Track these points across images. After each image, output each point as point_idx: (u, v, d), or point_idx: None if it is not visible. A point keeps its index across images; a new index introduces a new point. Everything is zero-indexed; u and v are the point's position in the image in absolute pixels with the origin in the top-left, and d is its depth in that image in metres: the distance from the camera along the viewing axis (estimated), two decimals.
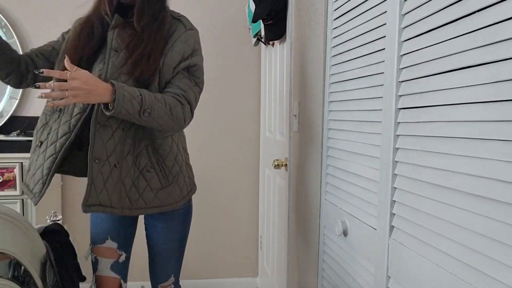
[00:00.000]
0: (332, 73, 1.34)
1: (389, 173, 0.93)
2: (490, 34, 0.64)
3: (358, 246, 1.12)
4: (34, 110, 2.55)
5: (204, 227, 2.76)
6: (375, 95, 1.03)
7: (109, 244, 1.41)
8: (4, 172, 2.11)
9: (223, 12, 2.65)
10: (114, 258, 1.42)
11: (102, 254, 1.41)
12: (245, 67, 2.71)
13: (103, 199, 1.24)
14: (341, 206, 1.25)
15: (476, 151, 0.67)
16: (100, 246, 1.41)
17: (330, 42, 1.36)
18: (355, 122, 1.16)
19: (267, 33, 2.05)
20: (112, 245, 1.42)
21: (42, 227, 1.43)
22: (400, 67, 0.90)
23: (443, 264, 0.74)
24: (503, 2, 0.62)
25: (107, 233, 1.41)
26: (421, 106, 0.83)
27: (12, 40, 2.45)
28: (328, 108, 1.38)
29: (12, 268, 1.11)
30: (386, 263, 0.95)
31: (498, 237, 0.62)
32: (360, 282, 1.10)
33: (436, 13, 0.78)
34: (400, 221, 0.90)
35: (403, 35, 0.89)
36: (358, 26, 1.14)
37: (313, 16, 1.53)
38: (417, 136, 0.85)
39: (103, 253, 1.41)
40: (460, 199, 0.71)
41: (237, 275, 2.83)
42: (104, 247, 1.41)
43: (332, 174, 1.34)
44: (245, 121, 2.72)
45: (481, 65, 0.67)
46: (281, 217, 2.11)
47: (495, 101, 0.64)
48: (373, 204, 1.03)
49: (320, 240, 1.44)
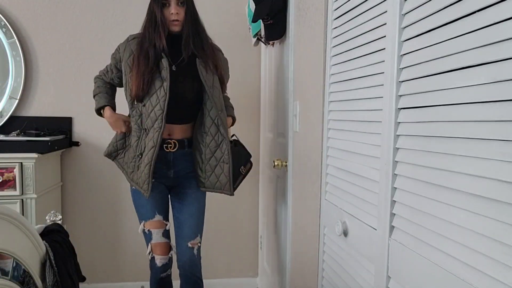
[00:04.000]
0: (332, 73, 1.34)
1: (389, 173, 0.93)
2: (490, 34, 0.64)
3: (358, 246, 1.12)
4: (34, 110, 2.55)
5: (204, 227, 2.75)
6: (375, 95, 1.03)
7: (158, 217, 1.80)
8: (4, 172, 2.11)
9: (223, 12, 2.65)
10: (163, 227, 1.81)
11: (154, 227, 1.79)
12: (245, 67, 2.71)
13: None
14: (341, 206, 1.25)
15: (476, 151, 0.67)
16: (152, 220, 1.79)
17: (330, 42, 1.36)
18: (355, 122, 1.16)
19: (267, 33, 2.05)
20: (160, 218, 1.80)
21: (42, 227, 1.43)
22: (400, 67, 0.90)
23: (443, 264, 0.74)
24: (503, 2, 0.62)
25: (155, 210, 1.79)
26: (421, 106, 0.83)
27: (12, 40, 2.45)
28: (328, 108, 1.38)
29: (12, 268, 1.11)
30: (386, 263, 0.95)
31: (498, 237, 0.62)
32: (360, 282, 1.10)
33: (436, 13, 0.78)
34: (400, 221, 0.90)
35: (403, 35, 0.89)
36: (358, 26, 1.13)
37: (313, 16, 1.53)
38: (417, 136, 0.85)
39: (155, 226, 1.79)
40: (460, 199, 0.71)
41: (237, 275, 2.83)
42: (155, 221, 1.79)
43: (332, 174, 1.34)
44: (245, 121, 2.72)
45: (481, 65, 0.67)
46: (281, 217, 2.11)
47: (495, 101, 0.64)
48: (373, 204, 1.03)
49: (320, 240, 1.44)
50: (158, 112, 1.67)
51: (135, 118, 1.74)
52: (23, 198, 2.14)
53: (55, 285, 1.28)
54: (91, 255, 2.63)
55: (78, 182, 2.62)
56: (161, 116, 1.66)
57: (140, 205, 1.81)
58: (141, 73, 1.65)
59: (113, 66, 1.84)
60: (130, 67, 1.72)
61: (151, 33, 1.67)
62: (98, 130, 2.60)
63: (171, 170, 1.80)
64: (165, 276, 1.84)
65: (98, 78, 1.92)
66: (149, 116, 1.69)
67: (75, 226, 2.61)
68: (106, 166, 2.60)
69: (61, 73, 2.57)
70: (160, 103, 1.66)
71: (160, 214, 1.81)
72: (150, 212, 1.79)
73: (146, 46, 1.68)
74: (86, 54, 2.58)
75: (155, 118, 1.67)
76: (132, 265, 2.70)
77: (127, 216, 2.67)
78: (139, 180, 1.73)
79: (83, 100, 2.58)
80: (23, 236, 1.19)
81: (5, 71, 2.47)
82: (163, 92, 1.66)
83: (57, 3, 2.54)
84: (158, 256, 1.80)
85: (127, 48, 1.75)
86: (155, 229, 1.79)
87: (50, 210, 1.62)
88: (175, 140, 1.77)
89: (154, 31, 1.67)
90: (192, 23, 1.72)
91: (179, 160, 1.79)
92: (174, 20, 1.67)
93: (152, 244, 1.80)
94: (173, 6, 1.66)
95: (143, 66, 1.65)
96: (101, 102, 1.83)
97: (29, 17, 2.51)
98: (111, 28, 2.59)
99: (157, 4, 1.66)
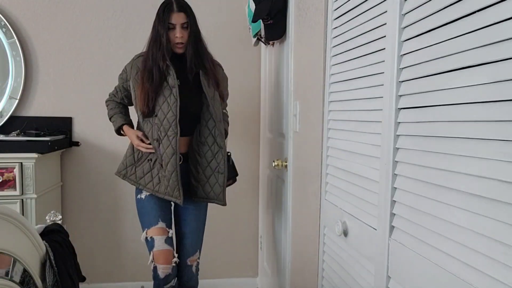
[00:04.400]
0: (332, 73, 1.34)
1: (389, 173, 0.93)
2: (490, 34, 0.64)
3: (358, 246, 1.12)
4: (34, 110, 2.55)
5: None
6: (375, 95, 1.03)
7: (161, 224, 1.81)
8: (4, 172, 2.11)
9: (223, 12, 2.65)
10: (165, 234, 1.81)
11: (157, 233, 1.80)
12: (245, 67, 2.71)
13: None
14: (341, 206, 1.25)
15: (476, 151, 0.67)
16: (154, 227, 1.80)
17: (330, 42, 1.36)
18: (355, 122, 1.16)
19: (267, 33, 2.05)
20: (163, 225, 1.82)
21: (42, 227, 1.43)
22: (400, 67, 0.90)
23: (443, 264, 0.74)
24: (503, 2, 0.62)
25: (158, 217, 1.81)
26: (421, 106, 0.83)
27: (12, 40, 2.45)
28: (328, 108, 1.38)
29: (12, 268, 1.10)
30: (386, 263, 0.95)
31: (498, 237, 0.62)
32: (360, 282, 1.10)
33: (436, 13, 0.78)
34: (400, 221, 0.90)
35: (403, 35, 0.89)
36: (358, 26, 1.13)
37: (313, 16, 1.53)
38: (417, 136, 0.85)
39: (158, 232, 1.80)
40: (460, 199, 0.71)
41: (237, 275, 2.83)
42: (158, 227, 1.80)
43: (332, 174, 1.34)
44: (245, 121, 2.72)
45: (481, 65, 0.67)
46: (281, 217, 2.11)
47: (495, 101, 0.64)
48: (373, 204, 1.03)
49: (320, 240, 1.44)
50: (171, 119, 1.73)
51: (146, 130, 1.80)
52: (23, 198, 2.14)
53: (55, 285, 1.28)
54: (91, 255, 2.63)
55: (78, 182, 2.62)
56: (174, 122, 1.72)
57: (144, 213, 1.84)
58: (145, 91, 1.73)
59: (120, 86, 1.92)
60: (138, 82, 1.80)
61: (155, 53, 1.75)
62: (98, 130, 2.60)
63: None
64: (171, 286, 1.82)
65: (110, 100, 1.99)
66: (161, 125, 1.74)
67: (75, 226, 2.61)
68: (106, 166, 2.61)
69: (61, 73, 2.57)
70: (172, 110, 1.73)
71: (164, 221, 1.82)
72: (153, 219, 1.80)
73: (150, 64, 1.76)
74: (86, 54, 2.58)
75: (169, 126, 1.73)
76: (132, 265, 2.70)
77: (127, 216, 2.67)
78: (168, 189, 1.75)
79: (83, 100, 2.58)
80: (23, 236, 1.19)
81: (5, 71, 2.47)
82: (173, 99, 1.73)
83: (57, 3, 2.54)
84: (160, 265, 1.78)
85: (133, 66, 1.84)
86: (158, 236, 1.79)
87: (50, 210, 1.62)
88: (181, 154, 1.79)
89: (158, 50, 1.75)
90: (194, 44, 1.80)
91: (183, 173, 1.80)
92: (179, 43, 1.77)
93: (155, 252, 1.78)
94: (178, 30, 1.75)
95: (147, 84, 1.73)
96: (118, 122, 1.91)
97: (29, 17, 2.51)
98: (111, 28, 2.59)
99: (162, 26, 1.73)
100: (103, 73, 2.59)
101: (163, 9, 1.75)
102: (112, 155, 2.60)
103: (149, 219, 1.81)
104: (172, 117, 1.72)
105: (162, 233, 1.80)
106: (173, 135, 1.72)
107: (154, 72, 1.74)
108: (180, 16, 1.74)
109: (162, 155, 1.75)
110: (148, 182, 1.81)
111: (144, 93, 1.73)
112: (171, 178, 1.74)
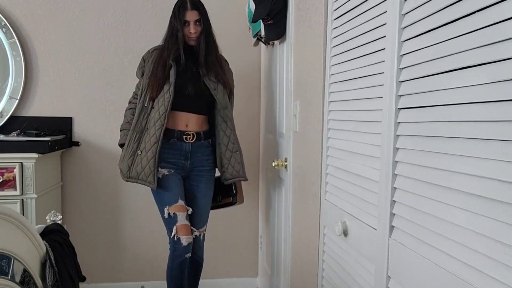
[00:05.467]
0: (332, 73, 1.34)
1: (389, 173, 0.93)
2: (490, 34, 0.64)
3: (358, 246, 1.12)
4: (34, 110, 2.55)
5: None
6: (375, 95, 1.03)
7: (181, 202, 1.99)
8: (4, 172, 2.11)
9: (223, 12, 2.65)
10: (185, 211, 1.99)
11: (179, 210, 1.97)
12: (245, 67, 2.70)
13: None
14: (341, 206, 1.25)
15: (476, 151, 0.67)
16: (176, 204, 1.97)
17: (330, 42, 1.36)
18: (355, 122, 1.16)
19: (267, 33, 2.05)
20: (182, 203, 1.99)
21: (42, 227, 1.43)
22: (400, 67, 0.90)
23: (443, 264, 0.74)
24: (503, 2, 0.62)
25: (178, 195, 1.99)
26: (421, 106, 0.83)
27: (12, 40, 2.45)
28: (328, 108, 1.38)
29: (12, 268, 1.11)
30: (386, 263, 0.95)
31: (498, 237, 0.62)
32: (360, 282, 1.10)
33: (436, 13, 0.78)
34: (400, 221, 0.90)
35: (403, 35, 0.89)
36: (358, 26, 1.13)
37: (313, 16, 1.53)
38: (417, 136, 0.85)
39: (179, 209, 1.97)
40: (460, 199, 0.71)
41: (237, 275, 2.82)
42: (179, 205, 1.98)
43: (332, 174, 1.34)
44: (245, 121, 2.72)
45: (481, 65, 0.67)
46: (281, 217, 2.11)
47: (495, 101, 0.64)
48: (373, 204, 1.03)
49: (320, 240, 1.44)
50: (161, 111, 1.95)
51: (140, 118, 1.99)
52: (23, 198, 2.14)
53: (55, 285, 1.28)
54: (91, 255, 2.63)
55: (78, 182, 2.62)
56: (164, 114, 1.94)
57: (164, 191, 2.00)
58: (158, 78, 1.97)
59: (139, 77, 2.13)
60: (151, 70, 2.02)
61: (171, 46, 2.00)
62: (98, 130, 2.60)
63: (188, 161, 2.04)
64: (187, 257, 1.96)
65: (128, 109, 2.13)
66: (155, 115, 1.96)
67: (75, 226, 2.60)
68: (106, 166, 2.61)
69: (61, 73, 2.57)
70: (164, 104, 1.95)
71: (182, 199, 2.01)
72: (173, 197, 1.98)
73: (165, 56, 2.00)
74: (86, 54, 2.58)
75: (158, 117, 1.94)
76: (132, 265, 2.69)
77: (127, 216, 2.67)
78: (142, 174, 1.94)
79: (83, 100, 2.58)
80: (23, 236, 1.19)
81: (5, 71, 2.47)
82: (168, 94, 1.95)
83: (57, 3, 2.54)
84: (183, 236, 1.94)
85: (151, 56, 2.07)
86: (180, 212, 1.96)
87: (50, 210, 1.62)
88: (193, 132, 2.02)
89: (173, 44, 1.99)
90: (206, 37, 2.04)
91: (195, 152, 2.04)
92: (192, 36, 2.02)
93: (178, 226, 1.94)
94: (192, 26, 1.99)
95: (160, 72, 1.97)
96: (124, 139, 2.08)
97: (29, 17, 2.51)
98: (111, 28, 2.59)
99: (178, 22, 1.98)
100: (103, 73, 2.59)
101: (178, 7, 1.98)
102: (112, 155, 2.59)
103: (169, 196, 1.99)
104: (163, 109, 1.94)
105: (183, 209, 1.98)
106: (160, 126, 1.94)
107: (167, 63, 1.98)
108: (193, 14, 1.98)
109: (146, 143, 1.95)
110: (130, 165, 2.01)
111: (156, 79, 1.97)
112: (149, 164, 1.93)
